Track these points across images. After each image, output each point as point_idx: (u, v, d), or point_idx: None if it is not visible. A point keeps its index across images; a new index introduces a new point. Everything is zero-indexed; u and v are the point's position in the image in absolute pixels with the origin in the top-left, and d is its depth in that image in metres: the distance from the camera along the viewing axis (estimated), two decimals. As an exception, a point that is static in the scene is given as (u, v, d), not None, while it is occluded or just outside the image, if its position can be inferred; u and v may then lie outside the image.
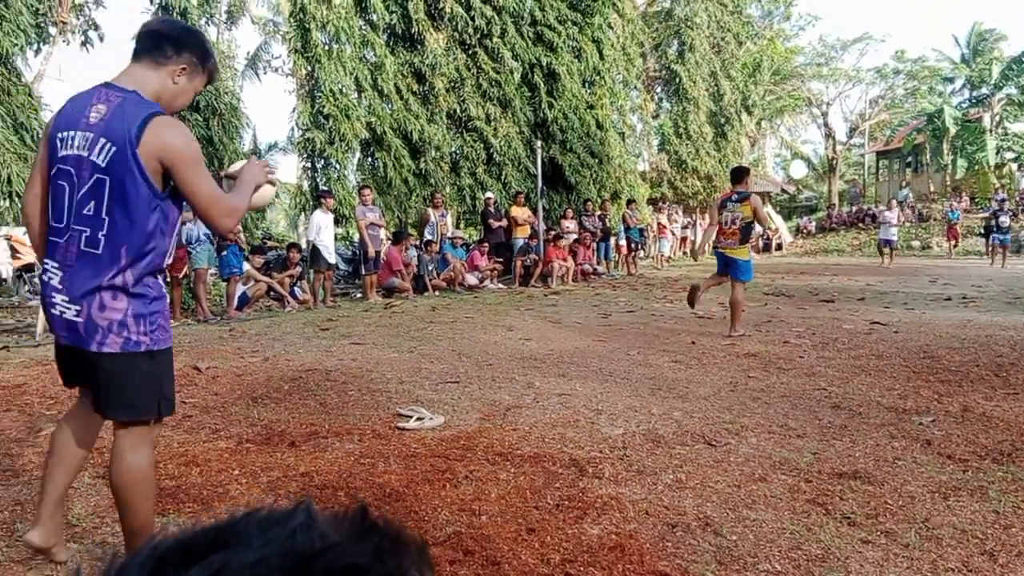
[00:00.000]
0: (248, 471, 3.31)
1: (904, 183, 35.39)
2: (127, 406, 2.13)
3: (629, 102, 21.51)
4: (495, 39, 15.59)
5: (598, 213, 16.77)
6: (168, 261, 2.22)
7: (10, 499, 2.98)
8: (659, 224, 20.51)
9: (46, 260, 2.14)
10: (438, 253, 13.09)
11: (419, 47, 14.60)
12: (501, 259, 14.53)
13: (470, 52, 15.51)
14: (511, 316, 9.19)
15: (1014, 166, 30.20)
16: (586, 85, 18.30)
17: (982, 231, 23.12)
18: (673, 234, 22.42)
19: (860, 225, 29.69)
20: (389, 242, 12.49)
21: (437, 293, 12.29)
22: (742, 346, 6.85)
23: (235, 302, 9.56)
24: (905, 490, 3.06)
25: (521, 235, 14.41)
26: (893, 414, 4.31)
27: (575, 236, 15.51)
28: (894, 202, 20.57)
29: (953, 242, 23.25)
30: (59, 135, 2.11)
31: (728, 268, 7.65)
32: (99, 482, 3.17)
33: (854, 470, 3.28)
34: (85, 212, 2.05)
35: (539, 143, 15.51)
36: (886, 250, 19.10)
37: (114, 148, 2.02)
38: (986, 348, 6.53)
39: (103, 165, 2.03)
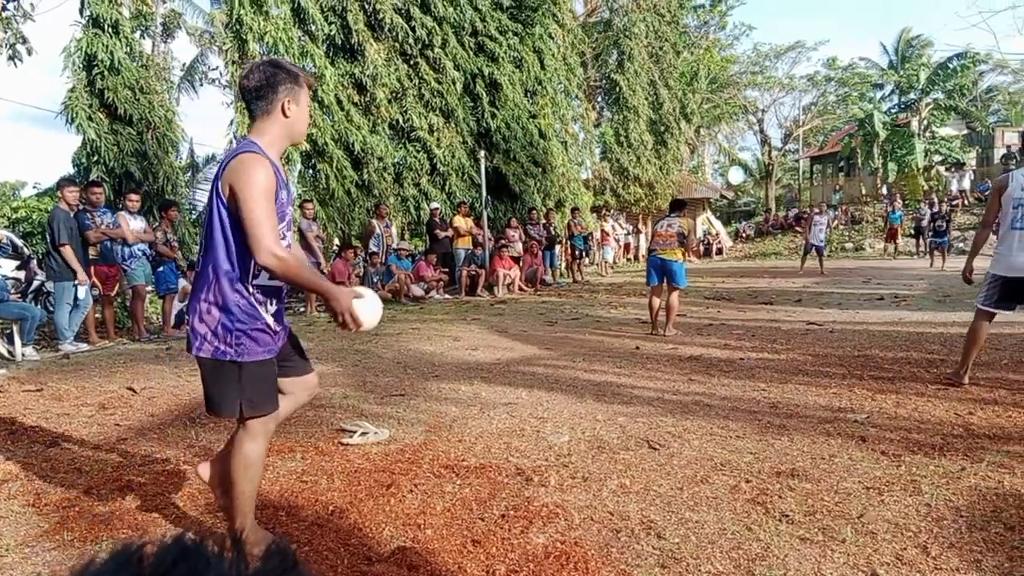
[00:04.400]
0: (186, 494, 3.22)
1: (837, 187, 36.55)
2: (214, 403, 2.44)
3: (571, 111, 21.67)
4: (436, 49, 15.60)
5: (543, 221, 16.87)
6: (260, 280, 2.41)
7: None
8: (603, 231, 20.74)
9: None
10: (383, 264, 12.98)
11: (359, 58, 14.49)
12: (447, 269, 14.50)
13: (411, 63, 15.47)
14: (457, 326, 9.16)
15: (942, 168, 31.44)
16: (528, 95, 18.41)
17: (912, 232, 24.00)
18: (617, 241, 22.68)
19: (796, 228, 30.52)
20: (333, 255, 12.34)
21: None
22: (684, 350, 6.97)
23: (172, 320, 9.31)
24: (841, 487, 3.14)
25: (463, 245, 14.40)
26: (829, 412, 4.43)
27: (521, 245, 15.57)
28: (824, 206, 20.27)
29: (892, 243, 23.84)
30: None
31: (664, 275, 7.91)
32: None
33: (792, 469, 3.36)
34: (200, 241, 2.51)
35: (483, 153, 15.55)
36: (811, 255, 17.87)
37: (212, 187, 2.39)
38: (917, 345, 6.79)
39: (206, 202, 2.45)
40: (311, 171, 14.02)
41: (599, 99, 26.67)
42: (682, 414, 4.46)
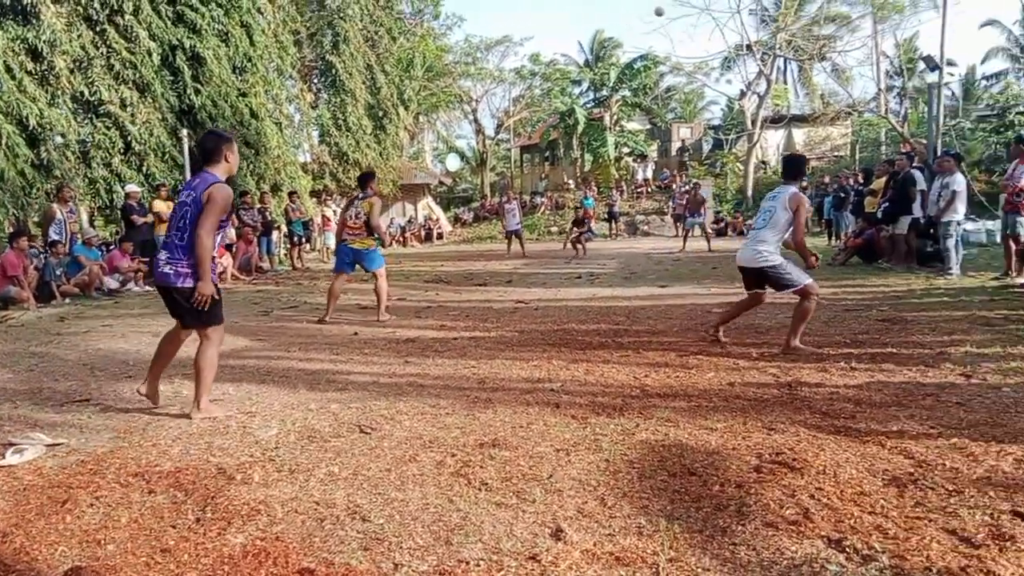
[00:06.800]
0: None
1: (544, 175, 39.41)
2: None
3: (285, 92, 20.83)
4: (127, 16, 14.08)
5: (258, 206, 16.03)
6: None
7: None
8: (324, 216, 20.25)
9: None
10: (68, 255, 11.46)
11: (34, 21, 12.60)
12: (146, 259, 13.18)
13: (98, 29, 13.81)
14: (158, 321, 8.37)
15: (630, 159, 35.28)
16: (237, 72, 17.34)
17: (606, 216, 26.84)
18: (338, 226, 22.31)
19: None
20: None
21: (68, 301, 10.76)
22: (402, 333, 7.08)
23: None
24: (535, 451, 3.40)
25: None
26: (530, 383, 4.78)
27: (233, 231, 14.66)
28: (512, 194, 22.24)
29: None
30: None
31: (358, 262, 7.93)
32: None
33: (494, 439, 3.57)
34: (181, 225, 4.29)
35: (185, 131, 14.33)
36: (513, 239, 19.11)
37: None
38: (606, 317, 7.57)
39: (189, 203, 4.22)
40: (-30, 148, 11.95)
41: (315, 81, 25.94)
42: (396, 396, 4.53)
